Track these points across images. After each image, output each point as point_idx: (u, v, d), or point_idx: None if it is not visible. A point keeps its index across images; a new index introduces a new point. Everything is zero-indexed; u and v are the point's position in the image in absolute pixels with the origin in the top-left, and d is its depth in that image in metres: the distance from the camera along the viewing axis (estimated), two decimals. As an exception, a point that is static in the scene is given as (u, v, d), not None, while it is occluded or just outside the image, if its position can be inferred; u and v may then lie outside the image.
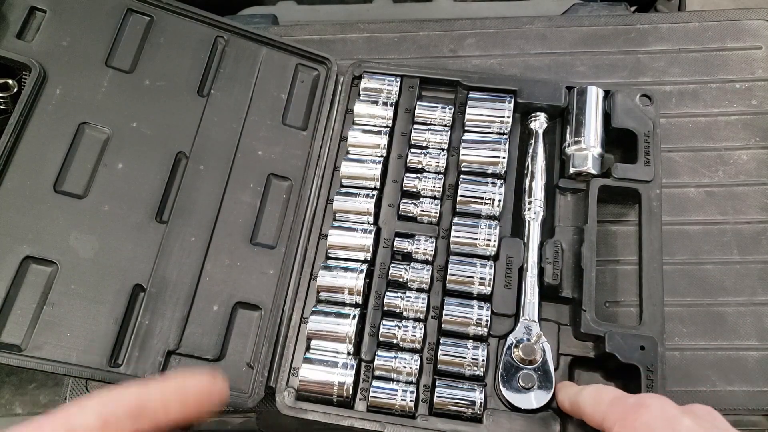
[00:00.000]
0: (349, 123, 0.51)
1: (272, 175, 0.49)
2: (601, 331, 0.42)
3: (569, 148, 0.48)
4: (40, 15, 0.47)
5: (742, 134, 0.52)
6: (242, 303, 0.45)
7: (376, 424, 0.41)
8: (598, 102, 0.48)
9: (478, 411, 0.41)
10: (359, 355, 0.44)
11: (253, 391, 0.43)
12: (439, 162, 0.49)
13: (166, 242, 0.45)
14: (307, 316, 0.45)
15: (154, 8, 0.50)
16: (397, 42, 0.58)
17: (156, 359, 0.42)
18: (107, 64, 0.48)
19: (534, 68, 0.56)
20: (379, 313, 0.45)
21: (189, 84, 0.49)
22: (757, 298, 0.47)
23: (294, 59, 0.53)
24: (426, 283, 0.45)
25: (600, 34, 0.57)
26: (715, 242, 0.49)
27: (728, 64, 0.55)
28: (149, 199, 0.46)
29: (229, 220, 0.47)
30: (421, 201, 0.48)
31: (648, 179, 0.46)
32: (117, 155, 0.46)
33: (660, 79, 0.55)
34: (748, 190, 0.50)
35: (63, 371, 0.40)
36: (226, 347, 0.44)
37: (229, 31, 0.52)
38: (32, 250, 0.42)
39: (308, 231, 0.48)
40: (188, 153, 0.48)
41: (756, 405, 0.45)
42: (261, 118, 0.50)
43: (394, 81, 0.51)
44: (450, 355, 0.42)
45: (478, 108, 0.49)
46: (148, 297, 0.43)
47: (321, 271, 0.45)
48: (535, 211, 0.47)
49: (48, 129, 0.45)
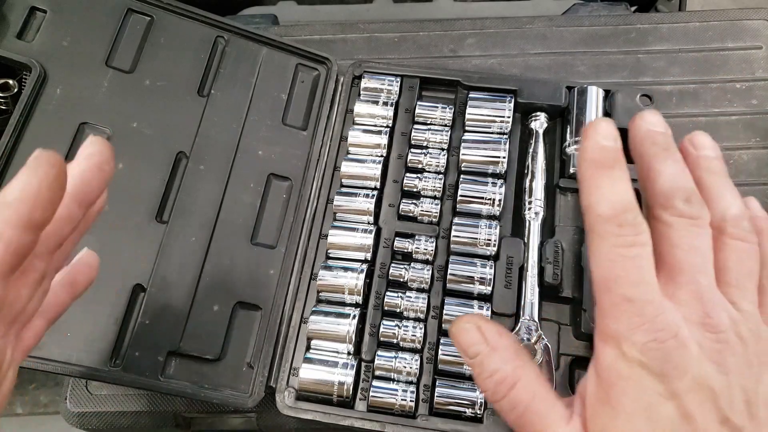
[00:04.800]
0: (349, 123, 0.51)
1: (272, 175, 0.49)
2: (601, 331, 0.41)
3: (569, 147, 0.48)
4: (40, 15, 0.47)
5: (742, 134, 0.52)
6: (242, 303, 0.45)
7: (376, 424, 0.41)
8: (598, 102, 0.48)
9: (479, 411, 0.41)
10: (359, 355, 0.44)
11: (253, 391, 0.43)
12: (439, 162, 0.49)
13: (167, 242, 0.45)
14: (307, 316, 0.45)
15: (155, 8, 0.50)
16: (397, 42, 0.58)
17: (156, 359, 0.42)
18: (107, 64, 0.48)
19: (534, 68, 0.56)
20: (379, 313, 0.45)
21: (189, 84, 0.49)
22: (758, 298, 0.47)
23: (294, 59, 0.53)
24: (426, 282, 0.45)
25: (600, 34, 0.57)
26: (716, 242, 0.49)
27: (728, 64, 0.55)
28: (149, 199, 0.46)
29: (229, 220, 0.47)
30: (421, 201, 0.48)
31: (648, 179, 0.46)
32: (117, 155, 0.45)
33: (660, 79, 0.55)
34: (748, 190, 0.50)
35: (63, 371, 0.40)
36: (226, 347, 0.44)
37: (229, 31, 0.52)
38: (32, 250, 0.42)
39: (308, 231, 0.48)
40: (188, 153, 0.48)
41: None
42: (261, 118, 0.50)
43: (395, 81, 0.51)
44: (450, 355, 0.42)
45: (478, 108, 0.49)
46: (148, 297, 0.43)
47: (321, 271, 0.45)
48: (535, 210, 0.47)
49: (48, 129, 0.45)
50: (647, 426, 0.26)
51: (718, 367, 0.27)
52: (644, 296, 0.27)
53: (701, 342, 0.27)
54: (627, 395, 0.27)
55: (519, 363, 0.30)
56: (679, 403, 0.26)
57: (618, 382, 0.27)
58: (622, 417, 0.27)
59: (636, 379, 0.27)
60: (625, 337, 0.27)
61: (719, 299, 0.28)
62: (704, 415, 0.26)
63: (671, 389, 0.26)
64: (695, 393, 0.26)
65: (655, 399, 0.26)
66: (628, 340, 0.27)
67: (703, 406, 0.26)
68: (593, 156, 0.29)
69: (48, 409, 0.58)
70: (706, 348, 0.27)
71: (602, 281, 0.28)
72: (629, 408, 0.27)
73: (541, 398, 0.30)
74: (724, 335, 0.27)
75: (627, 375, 0.27)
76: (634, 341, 0.27)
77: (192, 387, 0.42)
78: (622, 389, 0.27)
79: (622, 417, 0.27)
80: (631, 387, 0.27)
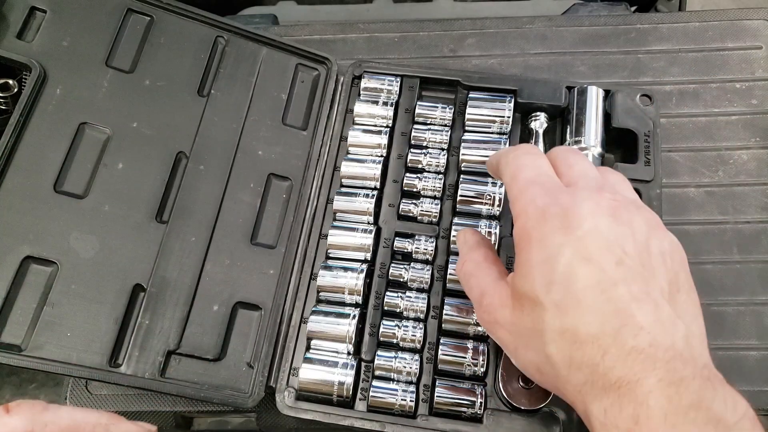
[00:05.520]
0: (349, 123, 0.51)
1: (272, 174, 0.49)
2: (601, 331, 0.41)
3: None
4: (40, 15, 0.47)
5: (742, 134, 0.52)
6: (242, 303, 0.45)
7: (376, 424, 0.41)
8: (598, 102, 0.49)
9: (479, 411, 0.41)
10: (359, 355, 0.44)
11: (253, 391, 0.43)
12: (439, 162, 0.49)
13: (167, 242, 0.45)
14: (307, 316, 0.45)
15: (154, 8, 0.50)
16: (397, 42, 0.58)
17: (156, 359, 0.42)
18: (107, 64, 0.48)
19: (534, 68, 0.56)
20: (379, 313, 0.45)
21: (189, 84, 0.49)
22: (757, 297, 0.47)
23: (294, 59, 0.53)
24: (426, 282, 0.45)
25: (600, 34, 0.57)
26: (715, 242, 0.49)
27: (728, 63, 0.55)
28: (149, 199, 0.46)
29: (229, 220, 0.47)
30: (421, 201, 0.48)
31: (648, 179, 0.46)
32: (117, 155, 0.46)
33: (660, 79, 0.55)
34: (748, 190, 0.50)
35: (63, 371, 0.40)
36: (226, 347, 0.44)
37: (229, 31, 0.52)
38: (32, 250, 0.42)
39: (308, 231, 0.48)
40: (188, 153, 0.48)
41: (756, 405, 0.44)
42: (261, 118, 0.50)
43: (395, 81, 0.51)
44: (450, 355, 0.42)
45: (478, 108, 0.49)
46: (148, 297, 0.43)
47: (321, 271, 0.45)
48: (535, 211, 0.47)
49: (48, 129, 0.45)
50: (550, 271, 0.31)
51: (613, 219, 0.31)
52: (544, 177, 0.35)
53: (598, 201, 0.32)
54: (534, 250, 0.32)
55: (474, 246, 0.39)
56: (578, 248, 0.30)
57: (529, 242, 0.32)
58: (535, 269, 0.31)
59: (539, 235, 0.32)
60: (530, 206, 0.33)
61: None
62: (601, 255, 0.30)
63: (571, 238, 0.31)
64: (592, 239, 0.30)
65: (557, 250, 0.31)
66: (532, 205, 0.33)
67: (600, 249, 0.30)
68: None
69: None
70: (602, 206, 0.32)
71: (511, 176, 0.36)
72: (537, 259, 0.31)
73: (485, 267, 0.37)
74: (618, 196, 0.33)
75: (534, 235, 0.32)
76: (537, 205, 0.33)
77: (192, 387, 0.42)
78: (531, 247, 0.32)
79: (534, 269, 0.31)
80: (536, 243, 0.32)
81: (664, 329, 0.28)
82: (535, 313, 0.31)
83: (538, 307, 0.31)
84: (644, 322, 0.28)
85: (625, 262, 0.30)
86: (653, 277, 0.30)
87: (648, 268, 0.30)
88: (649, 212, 0.34)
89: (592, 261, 0.30)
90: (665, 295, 0.30)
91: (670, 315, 0.29)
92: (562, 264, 0.30)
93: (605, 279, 0.29)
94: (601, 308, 0.29)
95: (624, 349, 0.28)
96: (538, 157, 0.37)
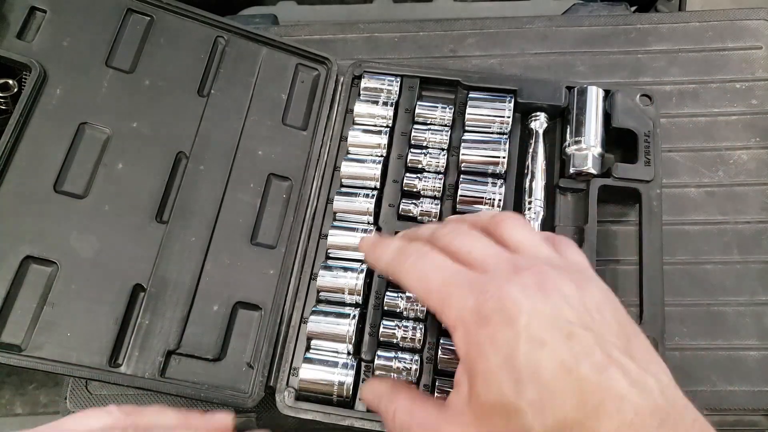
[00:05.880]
0: (349, 123, 0.51)
1: (272, 175, 0.49)
2: (601, 331, 0.41)
3: (569, 147, 0.48)
4: (40, 15, 0.47)
5: (742, 134, 0.52)
6: (242, 303, 0.45)
7: (376, 424, 0.41)
8: (598, 102, 0.49)
9: (478, 411, 0.40)
10: (359, 355, 0.44)
11: (253, 391, 0.43)
12: (439, 162, 0.49)
13: (166, 242, 0.45)
14: (307, 316, 0.45)
15: (154, 8, 0.50)
16: (397, 42, 0.58)
17: (156, 359, 0.42)
18: (107, 64, 0.48)
19: (534, 68, 0.56)
20: (379, 313, 0.45)
21: (189, 84, 0.49)
22: (757, 298, 0.47)
23: (294, 59, 0.53)
24: (426, 283, 0.45)
25: (600, 34, 0.57)
26: (716, 242, 0.49)
27: (728, 64, 0.55)
28: (149, 199, 0.46)
29: (229, 220, 0.47)
30: (421, 201, 0.48)
31: (648, 179, 0.46)
32: (117, 155, 0.46)
33: (660, 79, 0.55)
34: (748, 190, 0.50)
35: (63, 371, 0.40)
36: (226, 347, 0.44)
37: (229, 31, 0.52)
38: (32, 250, 0.42)
39: (308, 231, 0.48)
40: (188, 153, 0.48)
41: (756, 405, 0.45)
42: (261, 118, 0.50)
43: (394, 81, 0.51)
44: (450, 355, 0.42)
45: (478, 108, 0.49)
46: (148, 297, 0.43)
47: (321, 271, 0.45)
48: (535, 210, 0.47)
49: (48, 129, 0.45)
50: (514, 371, 0.28)
51: (543, 293, 0.29)
52: (451, 271, 0.32)
53: (521, 280, 0.30)
54: (490, 356, 0.29)
55: (393, 396, 0.35)
56: (529, 336, 0.28)
57: (479, 349, 0.30)
58: (497, 375, 0.29)
59: (488, 339, 0.29)
60: (464, 312, 0.30)
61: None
62: (552, 335, 0.28)
63: (519, 329, 0.28)
64: (537, 321, 0.29)
65: (512, 346, 0.28)
66: (465, 310, 0.30)
67: (547, 329, 0.28)
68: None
69: (48, 409, 0.58)
70: (527, 283, 0.30)
71: (423, 290, 0.33)
72: (496, 363, 0.29)
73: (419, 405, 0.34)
74: (534, 267, 0.31)
75: (483, 341, 0.30)
76: (470, 309, 0.30)
77: (192, 387, 0.42)
78: (485, 353, 0.29)
79: (497, 375, 0.29)
80: (489, 348, 0.29)
81: (639, 390, 0.27)
82: (512, 422, 0.28)
83: (514, 414, 0.28)
84: (620, 389, 0.27)
85: (574, 332, 0.28)
86: (602, 336, 0.29)
87: (594, 328, 0.29)
88: (566, 267, 0.32)
89: (547, 344, 0.28)
90: (621, 349, 0.28)
91: (638, 371, 0.28)
92: (523, 359, 0.28)
93: (566, 358, 0.27)
94: (575, 389, 0.27)
95: (611, 426, 0.26)
96: (429, 251, 0.34)
